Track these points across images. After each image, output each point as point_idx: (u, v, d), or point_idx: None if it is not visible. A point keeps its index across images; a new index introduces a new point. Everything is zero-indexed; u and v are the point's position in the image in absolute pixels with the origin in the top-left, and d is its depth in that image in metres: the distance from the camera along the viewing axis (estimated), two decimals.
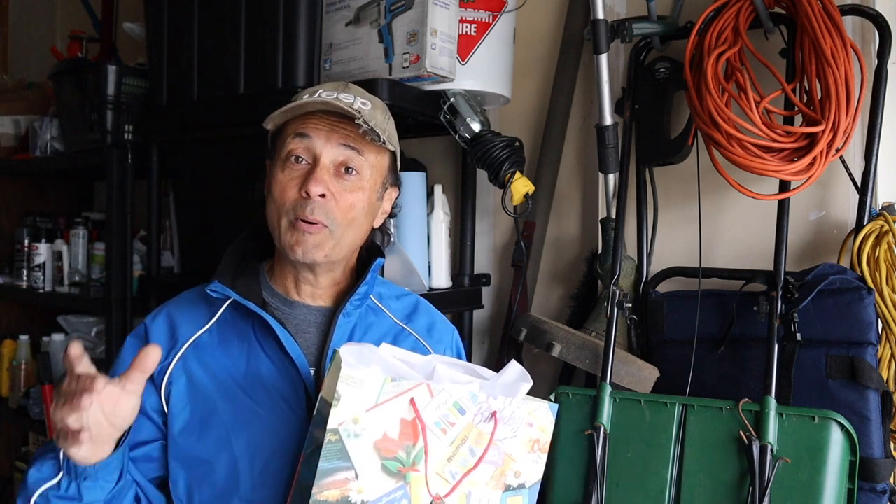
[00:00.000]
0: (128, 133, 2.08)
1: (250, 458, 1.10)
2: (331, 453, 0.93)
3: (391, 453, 0.96)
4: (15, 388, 2.59)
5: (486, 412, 1.02)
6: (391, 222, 1.74)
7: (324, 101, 1.11)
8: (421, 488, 0.98)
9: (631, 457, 1.41)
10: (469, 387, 1.02)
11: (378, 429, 0.95)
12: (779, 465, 1.29)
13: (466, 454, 1.01)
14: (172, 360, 1.15)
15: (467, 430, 1.01)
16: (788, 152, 1.40)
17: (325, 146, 1.13)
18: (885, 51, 1.46)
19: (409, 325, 1.28)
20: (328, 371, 1.01)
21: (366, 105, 1.15)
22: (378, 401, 0.95)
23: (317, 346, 1.19)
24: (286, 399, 1.13)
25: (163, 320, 1.20)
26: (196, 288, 1.25)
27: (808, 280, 1.44)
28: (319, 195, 1.11)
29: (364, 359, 0.99)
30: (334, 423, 0.93)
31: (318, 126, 1.13)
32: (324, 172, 1.12)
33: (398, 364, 1.02)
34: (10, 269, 2.65)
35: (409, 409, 0.97)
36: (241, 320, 1.18)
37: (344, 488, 0.93)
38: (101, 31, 2.64)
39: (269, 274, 1.24)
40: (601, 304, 1.70)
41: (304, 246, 1.12)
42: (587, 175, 1.94)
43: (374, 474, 0.95)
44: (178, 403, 1.13)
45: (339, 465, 0.93)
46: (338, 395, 0.93)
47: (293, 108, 1.13)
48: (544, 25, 2.00)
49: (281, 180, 1.14)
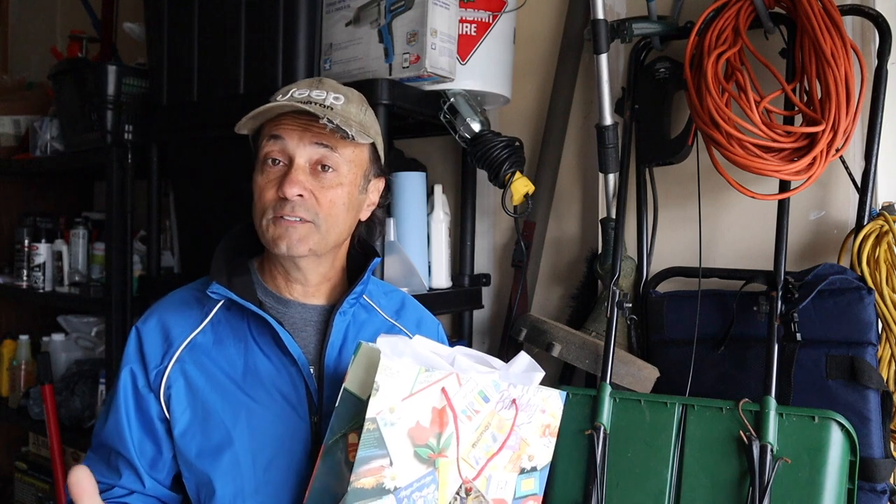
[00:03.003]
0: (128, 133, 2.08)
1: (253, 457, 1.10)
2: (369, 441, 0.96)
3: (423, 440, 1.00)
4: (15, 388, 2.59)
5: (507, 399, 1.07)
6: (390, 222, 1.75)
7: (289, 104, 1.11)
8: (448, 474, 1.01)
9: (631, 457, 1.41)
10: (491, 376, 1.06)
11: (412, 417, 0.99)
12: (779, 465, 1.29)
13: (489, 440, 1.05)
14: (168, 364, 1.14)
15: (490, 416, 1.05)
16: (788, 152, 1.40)
17: (297, 146, 1.13)
18: (885, 51, 1.45)
19: (399, 320, 1.29)
20: (352, 363, 1.03)
21: (338, 100, 1.15)
22: (413, 390, 0.99)
23: (314, 344, 1.19)
24: (286, 397, 1.13)
25: (154, 324, 1.19)
26: (183, 288, 1.25)
27: (808, 280, 1.44)
28: (297, 195, 1.12)
29: (398, 350, 1.03)
30: (373, 412, 0.96)
31: (291, 127, 1.13)
32: (299, 173, 1.12)
33: (429, 355, 1.05)
34: (10, 269, 2.65)
35: (441, 398, 1.01)
36: (235, 319, 1.18)
37: (379, 475, 0.96)
38: (101, 31, 2.64)
39: (259, 271, 1.24)
40: (601, 304, 1.70)
41: (289, 240, 1.12)
42: (587, 175, 1.94)
43: (407, 461, 0.98)
44: (178, 406, 1.13)
45: (375, 453, 0.96)
46: (377, 385, 0.96)
47: (261, 112, 1.13)
48: (544, 25, 1.99)
49: (259, 183, 1.15)
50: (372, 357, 1.01)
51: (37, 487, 2.57)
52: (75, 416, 2.32)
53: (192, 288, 1.24)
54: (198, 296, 1.21)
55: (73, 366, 2.48)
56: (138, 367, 1.16)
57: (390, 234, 1.74)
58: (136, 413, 1.15)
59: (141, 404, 1.15)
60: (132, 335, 1.20)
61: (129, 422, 1.15)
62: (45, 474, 2.52)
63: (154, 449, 1.15)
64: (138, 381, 1.15)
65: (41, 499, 2.56)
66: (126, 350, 1.19)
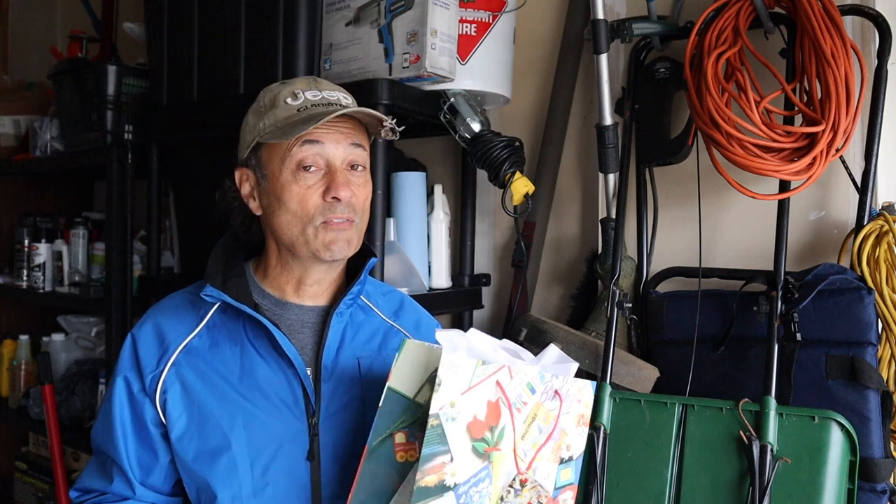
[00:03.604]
0: (128, 133, 2.08)
1: (251, 461, 1.10)
2: (432, 438, 0.95)
3: (479, 434, 0.99)
4: (15, 388, 2.59)
5: (550, 391, 1.07)
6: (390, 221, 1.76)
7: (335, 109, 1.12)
8: (501, 467, 1.01)
9: (631, 457, 1.41)
10: (536, 367, 1.06)
11: (469, 411, 0.98)
12: (779, 465, 1.29)
13: (535, 432, 1.05)
14: (164, 369, 1.14)
15: (536, 408, 1.05)
16: (788, 152, 1.40)
17: (336, 149, 1.14)
18: (885, 51, 1.45)
19: (398, 321, 1.29)
20: (396, 362, 1.02)
21: (348, 98, 1.18)
22: (471, 384, 0.98)
23: (311, 345, 1.19)
24: (283, 399, 1.13)
25: (150, 329, 1.19)
26: (179, 293, 1.24)
27: (808, 280, 1.44)
28: (349, 197, 1.13)
29: (454, 344, 1.03)
30: (435, 408, 0.96)
31: (325, 130, 1.13)
32: (344, 175, 1.14)
33: (481, 348, 1.05)
34: (10, 269, 2.66)
35: (496, 391, 1.00)
36: (231, 322, 1.17)
37: (441, 472, 0.95)
38: (101, 31, 2.63)
39: (256, 274, 1.23)
40: (601, 304, 1.70)
41: (339, 244, 1.13)
42: (587, 175, 1.94)
43: (466, 456, 0.98)
44: (175, 411, 1.12)
45: (438, 450, 0.95)
46: (439, 380, 0.96)
47: (323, 120, 1.10)
48: (544, 25, 1.99)
49: (296, 192, 1.13)
50: (418, 354, 1.01)
51: (37, 487, 2.57)
52: (75, 416, 2.32)
53: (188, 292, 1.24)
54: (193, 300, 1.20)
55: (73, 366, 2.49)
56: (133, 374, 1.16)
57: (390, 234, 1.74)
58: (131, 420, 1.15)
59: (136, 411, 1.14)
60: (127, 341, 1.19)
61: (123, 429, 1.14)
62: (45, 474, 2.52)
63: (150, 455, 1.14)
64: (133, 387, 1.15)
65: (41, 499, 2.56)
66: (121, 356, 1.19)
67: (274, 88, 1.18)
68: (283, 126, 1.13)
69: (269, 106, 1.16)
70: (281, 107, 1.14)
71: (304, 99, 1.14)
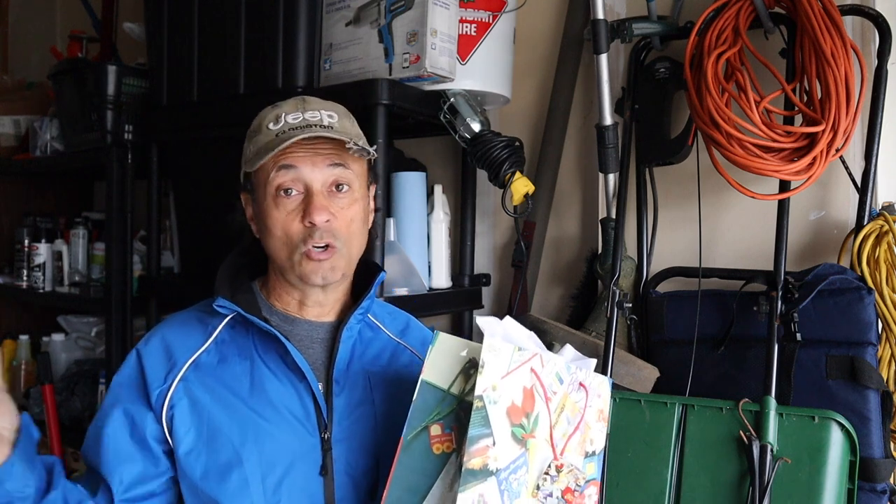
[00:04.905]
0: (128, 133, 2.08)
1: (262, 476, 1.08)
2: (477, 420, 0.96)
3: (517, 420, 1.00)
4: (15, 388, 2.58)
5: (576, 382, 1.07)
6: (390, 221, 1.75)
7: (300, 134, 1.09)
8: (537, 455, 1.01)
9: (631, 457, 1.41)
10: (562, 358, 1.07)
11: (508, 396, 0.99)
12: (779, 465, 1.29)
13: (564, 422, 1.05)
14: (172, 384, 1.11)
15: (564, 398, 1.05)
16: (788, 152, 1.40)
17: (312, 172, 1.12)
18: (885, 51, 1.45)
19: (404, 339, 1.29)
20: (429, 354, 1.03)
21: (333, 118, 1.14)
22: (509, 368, 0.99)
23: (322, 360, 1.18)
24: (295, 414, 1.12)
25: (157, 344, 1.17)
26: (184, 311, 1.23)
27: (808, 280, 1.44)
28: (325, 221, 1.11)
29: (492, 329, 1.04)
30: (480, 389, 0.96)
31: (300, 154, 1.11)
32: (321, 199, 1.11)
33: (516, 336, 1.07)
34: (10, 269, 2.65)
35: (531, 377, 1.01)
36: (240, 338, 1.16)
37: (485, 455, 0.96)
38: (101, 31, 2.64)
39: (264, 292, 1.22)
40: (601, 304, 1.70)
41: (322, 272, 1.12)
42: (587, 175, 1.94)
43: (506, 441, 0.98)
44: (182, 427, 1.10)
45: (483, 432, 0.96)
46: (482, 362, 0.97)
47: (271, 146, 1.09)
48: (544, 25, 1.99)
49: (278, 217, 1.12)
50: (451, 346, 1.02)
51: None
52: (75, 416, 2.32)
53: (195, 310, 1.22)
54: (200, 316, 1.19)
55: (73, 366, 2.48)
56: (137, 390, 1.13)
57: (390, 234, 1.74)
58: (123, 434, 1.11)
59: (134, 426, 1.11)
60: (131, 357, 1.17)
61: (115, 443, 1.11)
62: None
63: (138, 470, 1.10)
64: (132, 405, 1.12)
65: None
66: (122, 370, 1.16)
67: (263, 113, 1.17)
68: (259, 151, 1.12)
69: (255, 131, 1.15)
70: (263, 132, 1.13)
71: (283, 123, 1.12)
